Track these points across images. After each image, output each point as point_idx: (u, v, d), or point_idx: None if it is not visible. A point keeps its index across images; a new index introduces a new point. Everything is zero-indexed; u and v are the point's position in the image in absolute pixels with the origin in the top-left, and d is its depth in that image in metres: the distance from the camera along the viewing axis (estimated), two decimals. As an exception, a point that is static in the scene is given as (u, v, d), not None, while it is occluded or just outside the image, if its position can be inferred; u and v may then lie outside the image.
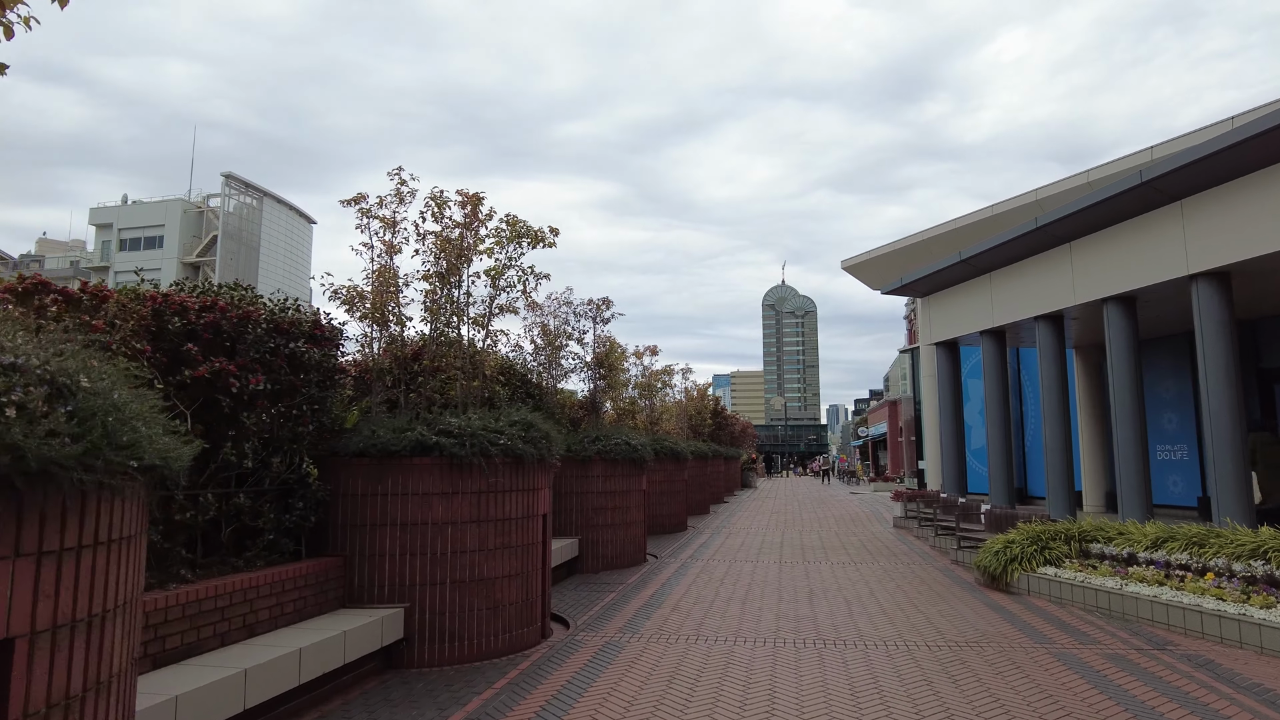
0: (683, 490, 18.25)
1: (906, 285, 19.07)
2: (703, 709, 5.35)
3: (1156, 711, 5.18)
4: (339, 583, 6.64)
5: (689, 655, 6.81)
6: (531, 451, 7.37)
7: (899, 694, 5.64)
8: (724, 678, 6.11)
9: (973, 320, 17.28)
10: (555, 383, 13.61)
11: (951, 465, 18.51)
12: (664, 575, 11.37)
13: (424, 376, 8.34)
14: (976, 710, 5.26)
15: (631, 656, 6.79)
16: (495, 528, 7.11)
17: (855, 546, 14.68)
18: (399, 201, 8.11)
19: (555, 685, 5.98)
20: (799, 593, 9.78)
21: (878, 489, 34.44)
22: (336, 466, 6.88)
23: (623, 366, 18.96)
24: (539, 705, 5.49)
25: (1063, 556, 9.50)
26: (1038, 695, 5.56)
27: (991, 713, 5.21)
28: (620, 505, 12.39)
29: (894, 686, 5.82)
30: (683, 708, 5.38)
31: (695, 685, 5.91)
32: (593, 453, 12.06)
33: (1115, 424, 13.01)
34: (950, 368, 18.93)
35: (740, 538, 16.41)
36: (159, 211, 70.70)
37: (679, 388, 26.68)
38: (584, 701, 5.55)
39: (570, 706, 5.44)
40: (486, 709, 5.42)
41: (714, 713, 5.27)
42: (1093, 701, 5.41)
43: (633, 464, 12.63)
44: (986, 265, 16.47)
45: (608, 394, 14.01)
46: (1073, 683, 5.85)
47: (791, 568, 12.02)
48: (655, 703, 5.50)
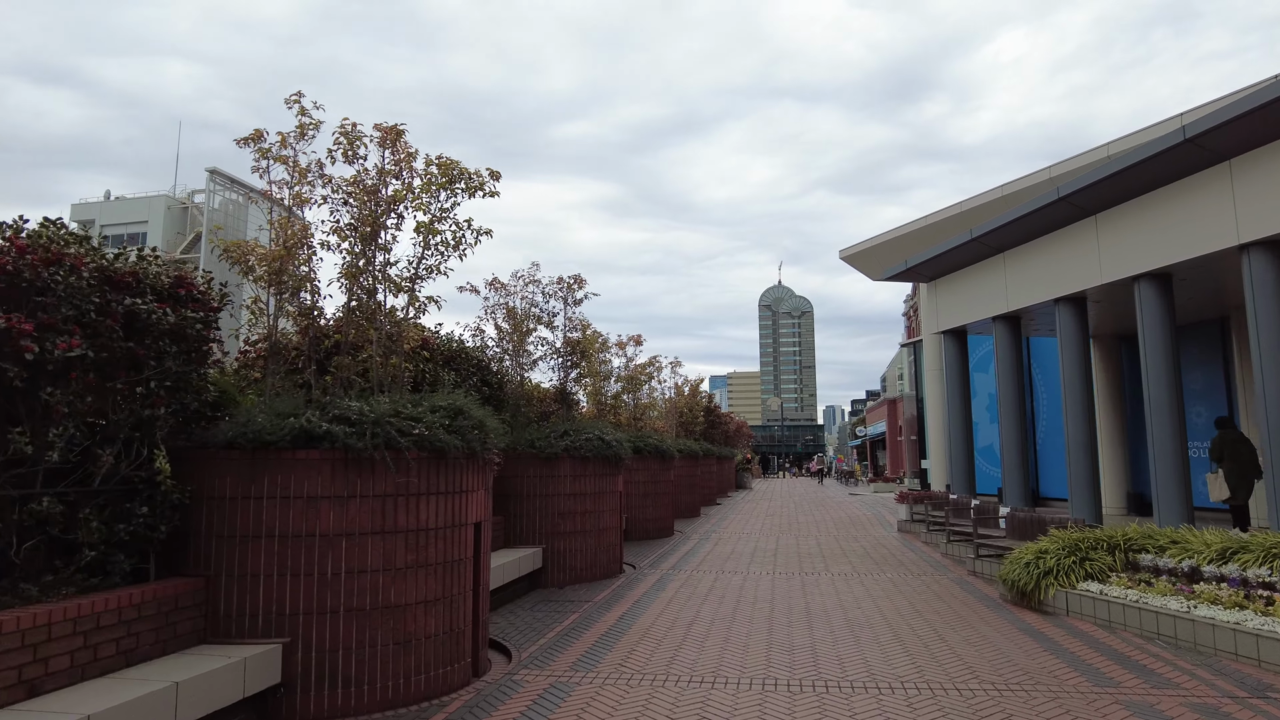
0: (669, 492, 16.74)
1: (911, 269, 17.60)
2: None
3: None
4: (195, 613, 5.11)
5: (653, 703, 5.30)
6: (457, 444, 5.85)
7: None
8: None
9: (985, 305, 15.79)
10: (522, 372, 12.11)
11: (960, 464, 17.02)
12: (639, 590, 9.86)
13: (340, 354, 6.82)
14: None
15: (579, 705, 5.28)
16: (407, 541, 5.60)
17: (858, 554, 13.18)
18: (300, 137, 6.60)
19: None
20: (794, 614, 8.27)
21: (878, 490, 32.97)
22: (200, 462, 5.36)
23: (603, 358, 17.47)
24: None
25: (1107, 569, 8.00)
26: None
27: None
28: (592, 509, 10.87)
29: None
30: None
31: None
32: (560, 449, 10.55)
33: (1150, 418, 11.52)
34: (959, 358, 17.45)
35: (731, 544, 14.90)
36: (141, 208, 69.29)
37: (669, 383, 25.21)
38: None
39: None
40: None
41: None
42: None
43: (607, 462, 11.12)
44: (1000, 243, 14.99)
45: (582, 384, 12.47)
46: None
47: (787, 580, 10.51)
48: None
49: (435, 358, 9.07)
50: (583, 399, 17.51)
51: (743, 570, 11.43)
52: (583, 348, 12.22)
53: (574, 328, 12.14)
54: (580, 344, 12.17)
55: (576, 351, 12.20)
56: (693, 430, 28.43)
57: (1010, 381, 15.42)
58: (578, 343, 12.19)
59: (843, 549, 13.88)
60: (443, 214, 6.91)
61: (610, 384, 17.80)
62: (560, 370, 12.22)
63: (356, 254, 6.79)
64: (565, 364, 12.18)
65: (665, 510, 16.47)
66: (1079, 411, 13.41)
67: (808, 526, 18.32)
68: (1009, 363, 15.47)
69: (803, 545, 14.56)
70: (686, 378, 27.98)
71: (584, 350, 12.25)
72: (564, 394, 12.19)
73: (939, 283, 17.60)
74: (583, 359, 12.23)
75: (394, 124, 6.69)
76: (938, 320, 17.63)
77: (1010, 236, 14.59)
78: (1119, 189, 11.82)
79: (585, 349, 12.30)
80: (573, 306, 12.17)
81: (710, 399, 33.64)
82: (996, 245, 15.13)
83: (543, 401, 12.56)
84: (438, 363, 9.08)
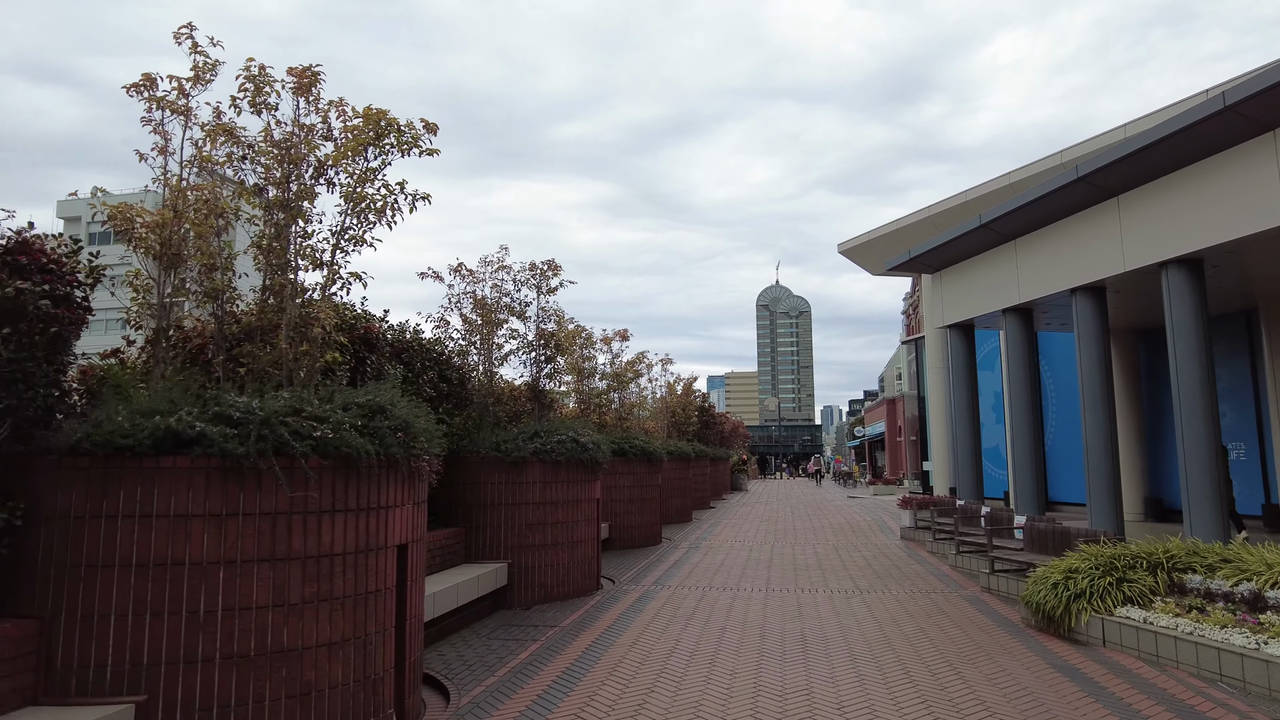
0: (657, 497, 15.67)
1: (915, 259, 16.52)
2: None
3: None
4: (24, 665, 4.03)
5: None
6: (371, 450, 4.77)
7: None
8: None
9: (994, 297, 14.73)
10: (492, 368, 11.03)
11: (967, 466, 15.95)
12: (615, 611, 8.78)
13: (251, 343, 5.73)
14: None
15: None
16: (305, 570, 4.51)
17: (859, 566, 12.10)
18: (196, 82, 5.51)
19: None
20: (789, 641, 7.20)
21: (878, 492, 31.91)
22: (38, 472, 4.28)
23: (587, 354, 16.41)
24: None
25: (1148, 592, 6.93)
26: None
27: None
28: (565, 519, 9.79)
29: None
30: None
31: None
32: (528, 452, 9.47)
33: (1181, 418, 10.46)
34: (965, 353, 16.39)
35: (722, 553, 13.83)
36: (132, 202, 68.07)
37: (659, 381, 24.14)
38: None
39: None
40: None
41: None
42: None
43: (582, 467, 10.04)
44: (1012, 230, 13.93)
45: (557, 381, 11.39)
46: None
47: (781, 599, 9.44)
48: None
49: (380, 349, 7.98)
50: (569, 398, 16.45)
51: (733, 586, 10.36)
52: (558, 341, 11.13)
53: (548, 318, 11.06)
54: (555, 336, 11.09)
55: (551, 345, 11.11)
56: (686, 431, 27.38)
57: (1022, 378, 14.35)
58: (552, 335, 11.10)
59: (842, 560, 12.81)
60: (369, 174, 5.82)
61: (595, 382, 16.74)
62: (533, 365, 11.14)
63: (268, 222, 5.71)
64: (538, 358, 11.09)
65: (652, 516, 15.39)
66: (1099, 410, 12.35)
67: (805, 533, 17.25)
68: (1020, 358, 14.40)
69: (799, 555, 13.49)
70: (679, 375, 26.93)
71: (559, 344, 11.16)
72: (537, 392, 11.10)
73: (944, 274, 16.54)
74: (558, 353, 11.14)
75: (307, 66, 5.60)
76: (943, 314, 16.57)
77: (1023, 222, 13.52)
78: (1146, 166, 10.76)
79: (560, 342, 11.20)
80: (546, 295, 11.10)
81: (704, 398, 32.57)
82: (1007, 232, 14.07)
83: (516, 400, 11.48)
84: (383, 354, 7.99)
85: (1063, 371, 20.40)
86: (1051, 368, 20.67)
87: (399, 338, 8.70)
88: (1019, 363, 14.42)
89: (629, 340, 16.76)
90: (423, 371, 8.79)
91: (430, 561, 8.47)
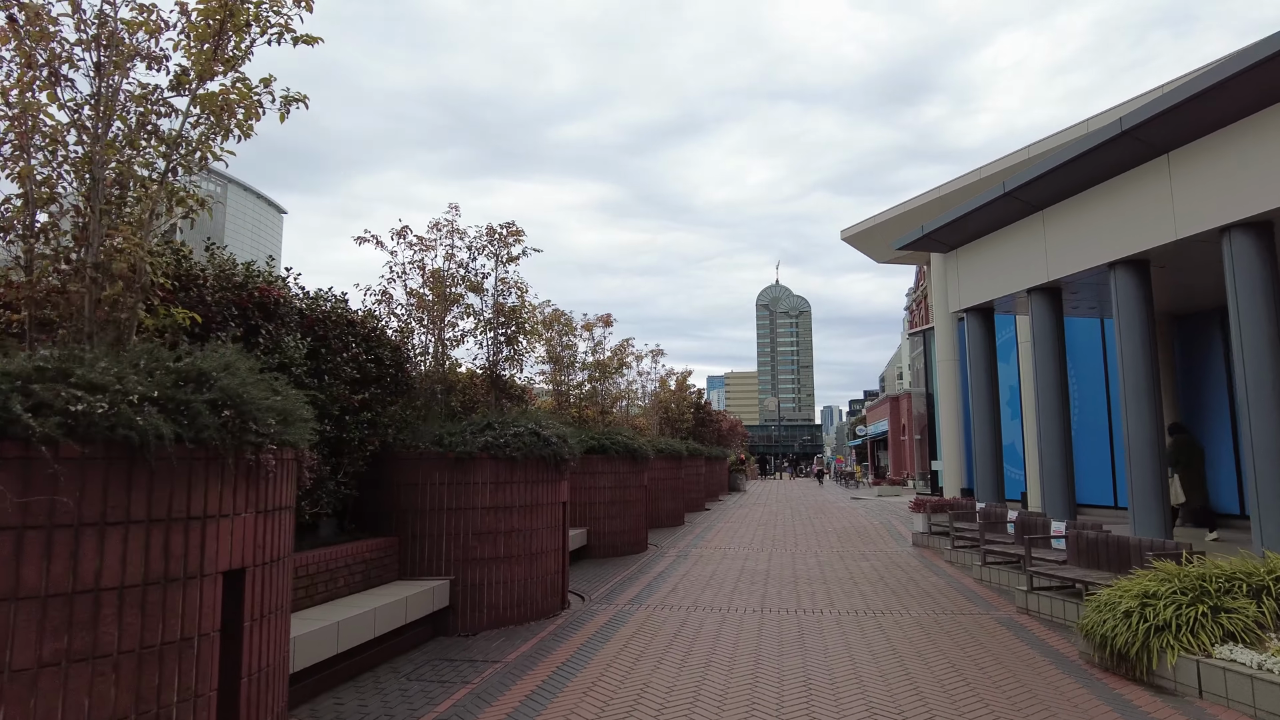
0: (642, 499, 14.11)
1: (928, 235, 14.95)
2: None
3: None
4: None
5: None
6: (168, 431, 3.20)
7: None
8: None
9: (1018, 275, 13.18)
10: (445, 351, 9.48)
11: (987, 465, 14.40)
12: (576, 640, 7.22)
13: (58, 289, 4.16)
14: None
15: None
16: (46, 614, 2.94)
17: (869, 579, 10.54)
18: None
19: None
20: (788, 686, 5.64)
21: (883, 493, 30.33)
22: None
23: (567, 340, 14.88)
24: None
25: (1254, 626, 5.37)
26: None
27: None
28: (522, 527, 8.23)
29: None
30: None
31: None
32: (476, 447, 7.91)
33: (1249, 412, 8.90)
34: (984, 340, 14.84)
35: (714, 562, 12.27)
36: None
37: (651, 374, 22.60)
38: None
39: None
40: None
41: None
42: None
43: (544, 465, 8.48)
44: (1040, 198, 12.37)
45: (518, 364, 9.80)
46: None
47: (779, 622, 7.88)
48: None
49: (283, 317, 6.42)
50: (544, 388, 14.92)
51: (723, 605, 8.79)
52: (520, 318, 9.55)
53: (508, 290, 9.51)
54: (516, 313, 9.52)
55: (512, 323, 9.55)
56: (680, 429, 25.83)
57: (1049, 366, 12.80)
58: (513, 311, 9.53)
59: (850, 572, 11.25)
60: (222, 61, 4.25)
61: (575, 373, 15.19)
62: (490, 347, 9.57)
63: (75, 123, 4.14)
64: (497, 339, 9.53)
65: (636, 521, 13.83)
66: (1144, 402, 10.79)
67: (806, 539, 15.69)
68: (1048, 344, 12.84)
69: (800, 565, 11.92)
70: (672, 369, 25.39)
71: (522, 322, 9.58)
72: (494, 378, 9.53)
73: (961, 253, 14.98)
74: (520, 332, 9.56)
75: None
76: (959, 296, 15.01)
77: (1054, 188, 11.97)
78: (1205, 116, 9.21)
79: (523, 321, 9.61)
80: (506, 264, 9.55)
81: (700, 394, 31.01)
82: (1035, 200, 12.51)
83: (476, 389, 9.92)
84: (286, 325, 6.42)
85: (1086, 361, 18.83)
86: (1072, 357, 19.05)
87: (313, 307, 7.14)
88: (1046, 349, 12.87)
89: (612, 326, 15.21)
90: (344, 349, 7.23)
91: (349, 580, 6.92)
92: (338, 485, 7.19)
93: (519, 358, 9.65)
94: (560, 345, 14.86)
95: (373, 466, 7.86)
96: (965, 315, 15.08)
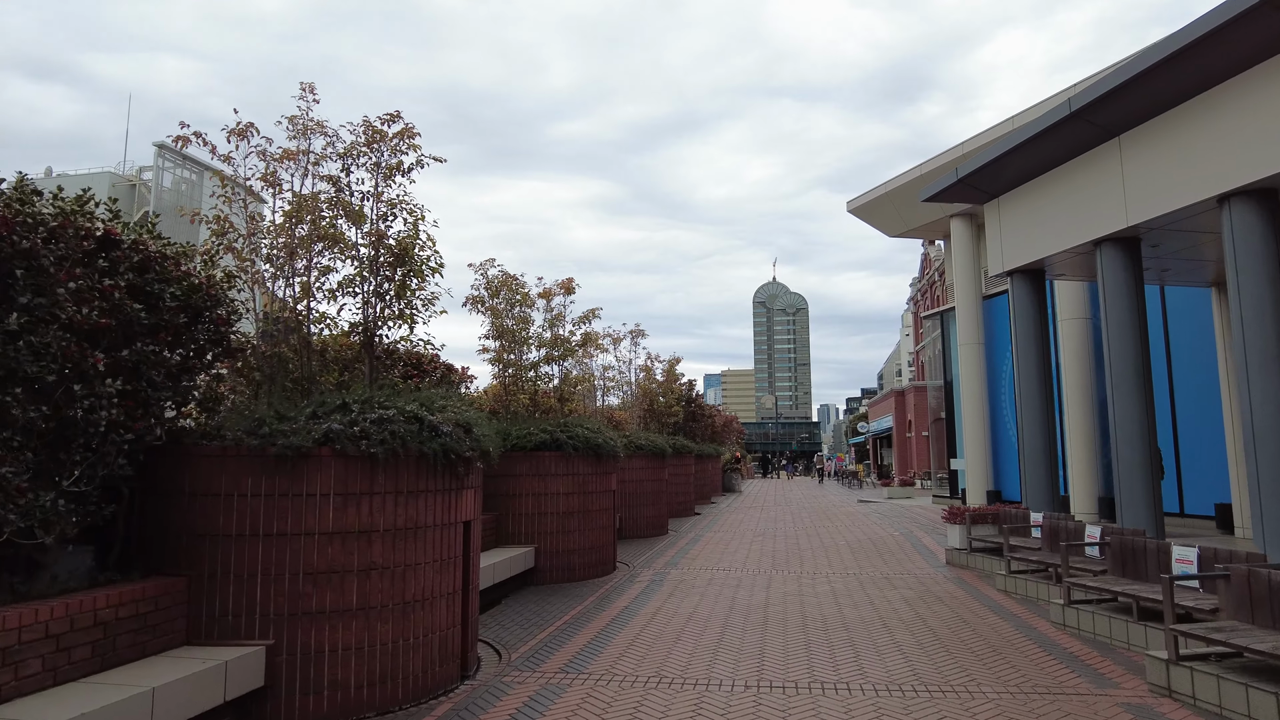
0: (608, 507, 11.27)
1: (963, 180, 12.11)
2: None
3: None
4: None
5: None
6: None
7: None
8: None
9: (1083, 223, 10.36)
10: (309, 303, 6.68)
11: (1039, 465, 11.60)
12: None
13: None
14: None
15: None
16: None
17: (906, 622, 7.73)
18: None
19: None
20: None
21: (892, 495, 27.50)
22: None
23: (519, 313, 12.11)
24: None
25: None
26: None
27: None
28: (386, 562, 5.38)
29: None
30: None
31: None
32: (313, 439, 5.08)
33: None
34: (1034, 308, 12.03)
35: (696, 593, 9.46)
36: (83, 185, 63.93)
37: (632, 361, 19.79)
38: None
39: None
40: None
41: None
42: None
43: (431, 467, 5.65)
44: (1118, 119, 9.57)
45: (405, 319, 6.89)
46: None
47: (784, 703, 5.05)
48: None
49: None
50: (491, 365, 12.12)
51: (699, 677, 5.95)
52: (411, 256, 6.67)
53: (392, 212, 6.66)
54: (405, 245, 6.64)
55: (403, 264, 6.70)
56: (668, 423, 23.01)
57: (1127, 337, 9.99)
58: (403, 245, 6.67)
59: (877, 608, 8.43)
60: None
61: (529, 350, 12.35)
62: (372, 299, 6.71)
63: None
64: (378, 285, 6.67)
65: (601, 535, 11.00)
66: (1275, 380, 7.98)
67: (814, 555, 12.87)
68: (1125, 309, 10.02)
69: (810, 598, 9.10)
70: (658, 355, 22.58)
71: (413, 263, 6.68)
72: (369, 341, 6.66)
73: (1004, 202, 12.15)
74: (411, 275, 6.69)
75: None
76: (1002, 257, 12.18)
77: (1141, 102, 9.14)
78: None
79: (415, 259, 6.70)
80: (390, 180, 6.70)
81: (691, 385, 28.18)
82: (1110, 122, 9.70)
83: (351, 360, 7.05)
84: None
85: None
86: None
87: (20, 213, 4.29)
88: (1122, 315, 10.06)
89: (574, 294, 12.35)
90: (72, 277, 4.38)
91: (97, 649, 4.11)
92: (61, 498, 4.36)
93: (412, 314, 6.78)
94: (511, 318, 12.03)
95: (156, 467, 5.06)
96: (1011, 279, 12.27)
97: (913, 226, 22.17)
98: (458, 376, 10.26)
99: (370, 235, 6.51)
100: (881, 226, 23.08)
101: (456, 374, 10.19)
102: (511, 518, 10.21)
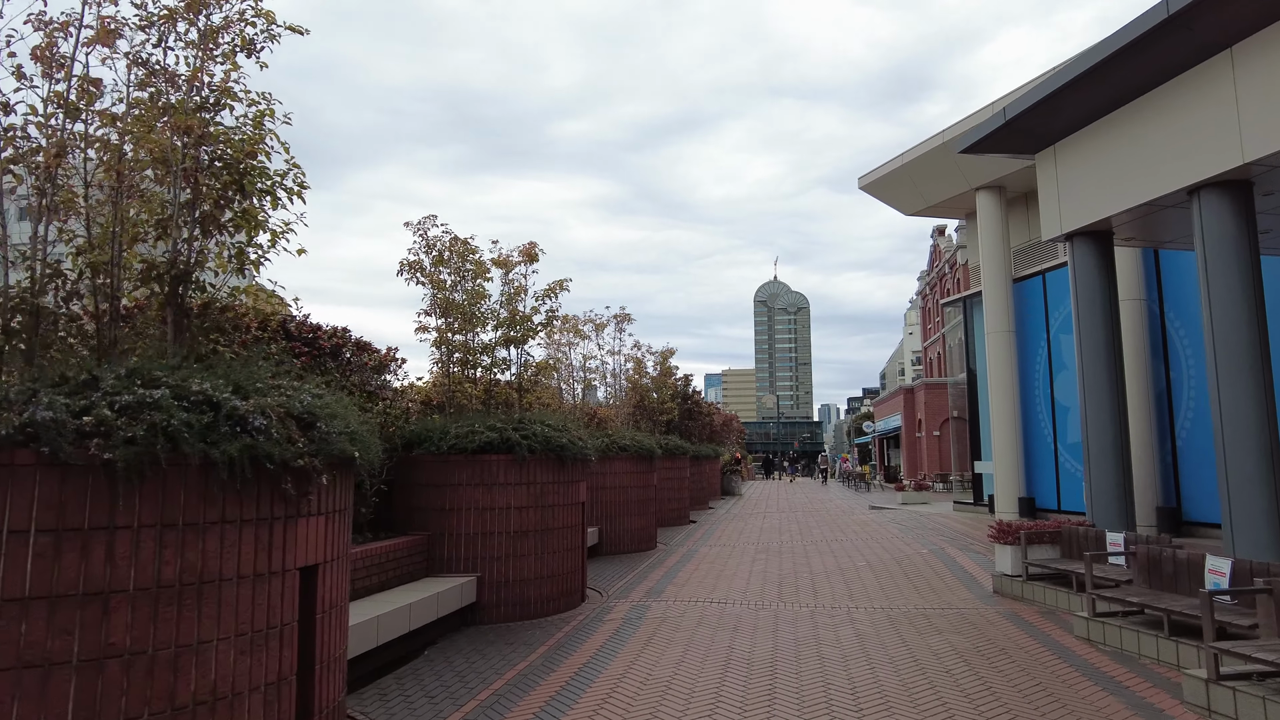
0: (575, 524, 9.07)
1: (1010, 123, 9.90)
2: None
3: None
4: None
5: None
6: None
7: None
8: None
9: (1175, 165, 8.16)
10: (121, 235, 4.50)
11: (1108, 469, 9.42)
12: None
13: None
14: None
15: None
16: None
17: (969, 694, 5.54)
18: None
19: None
20: None
21: (907, 500, 25.26)
22: None
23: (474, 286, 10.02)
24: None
25: None
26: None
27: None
28: (137, 644, 3.20)
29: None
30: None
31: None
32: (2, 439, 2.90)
33: None
34: (1100, 279, 9.84)
35: (682, 641, 7.28)
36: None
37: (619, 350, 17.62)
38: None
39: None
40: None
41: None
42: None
43: (238, 479, 3.46)
44: (1229, 30, 7.41)
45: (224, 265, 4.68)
46: None
47: None
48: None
49: None
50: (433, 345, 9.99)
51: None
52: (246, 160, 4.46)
53: (222, 97, 4.46)
54: (239, 146, 4.43)
55: (232, 170, 4.49)
56: (661, 421, 20.84)
57: (1239, 308, 7.78)
58: (236, 144, 4.46)
59: (924, 670, 6.23)
60: None
61: (483, 329, 10.16)
62: (187, 224, 4.51)
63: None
64: (193, 199, 4.47)
65: (563, 560, 8.80)
66: None
67: (827, 578, 10.68)
68: (1234, 273, 7.82)
69: (829, 646, 6.91)
70: (650, 346, 20.40)
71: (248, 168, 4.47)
72: (176, 290, 4.45)
73: (1064, 147, 9.94)
74: (240, 195, 4.46)
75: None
76: (1060, 216, 9.98)
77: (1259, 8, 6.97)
78: None
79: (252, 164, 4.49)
80: (219, 55, 4.50)
81: (687, 380, 25.99)
82: (1216, 37, 7.52)
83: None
84: None
85: (1196, 317, 13.82)
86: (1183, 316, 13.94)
87: None
88: (1232, 280, 7.86)
89: (537, 263, 10.12)
90: None
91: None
92: None
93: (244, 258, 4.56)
94: (461, 291, 9.85)
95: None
96: (1071, 244, 10.09)
97: (932, 203, 19.98)
98: (380, 358, 8.06)
99: (181, 131, 4.30)
100: (897, 204, 20.89)
101: (376, 355, 7.98)
102: (447, 539, 8.02)
